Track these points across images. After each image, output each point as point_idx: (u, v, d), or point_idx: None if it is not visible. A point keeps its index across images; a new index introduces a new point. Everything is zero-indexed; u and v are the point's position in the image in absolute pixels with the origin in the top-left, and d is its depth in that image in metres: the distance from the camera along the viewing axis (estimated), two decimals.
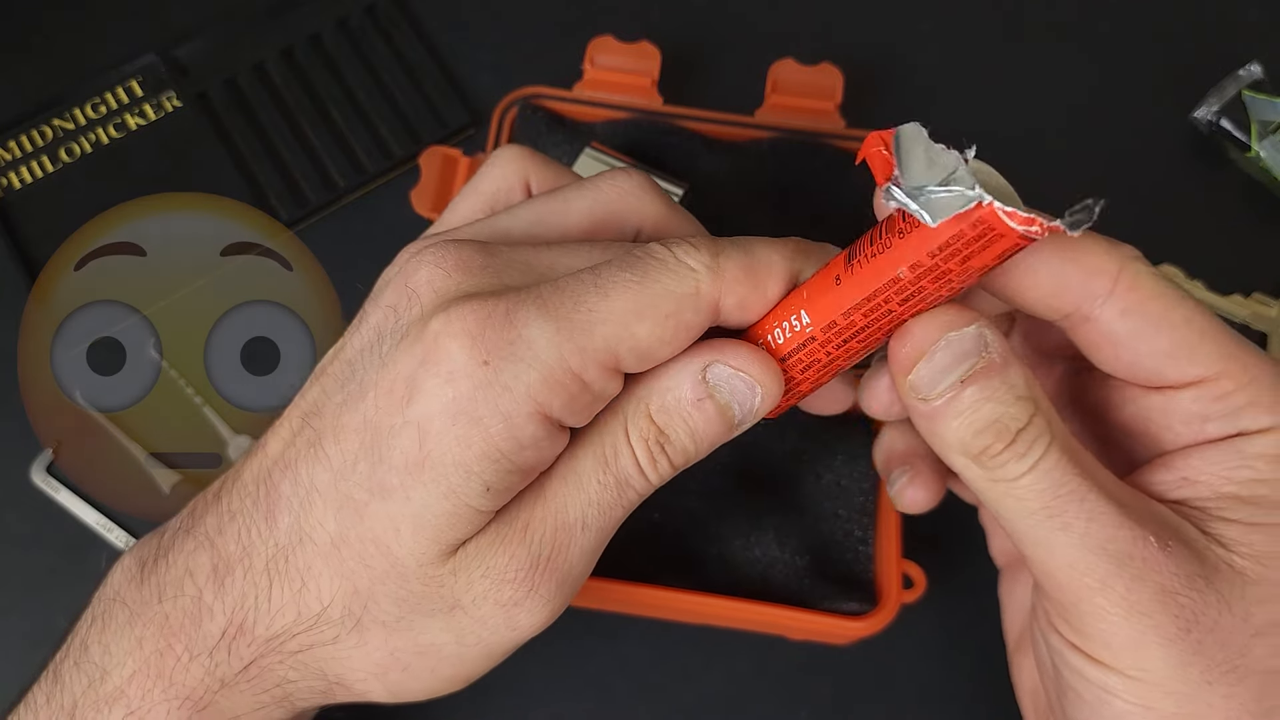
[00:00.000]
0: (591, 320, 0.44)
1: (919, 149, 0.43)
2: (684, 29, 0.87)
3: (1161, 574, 0.42)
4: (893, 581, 0.65)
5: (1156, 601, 0.42)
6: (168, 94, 0.83)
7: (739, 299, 0.46)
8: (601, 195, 0.52)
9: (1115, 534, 0.43)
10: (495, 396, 0.44)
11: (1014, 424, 0.43)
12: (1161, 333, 0.44)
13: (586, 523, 0.49)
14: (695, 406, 0.48)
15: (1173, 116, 0.84)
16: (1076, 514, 0.43)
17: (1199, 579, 0.42)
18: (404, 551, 0.46)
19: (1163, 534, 0.43)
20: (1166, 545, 0.43)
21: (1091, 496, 0.43)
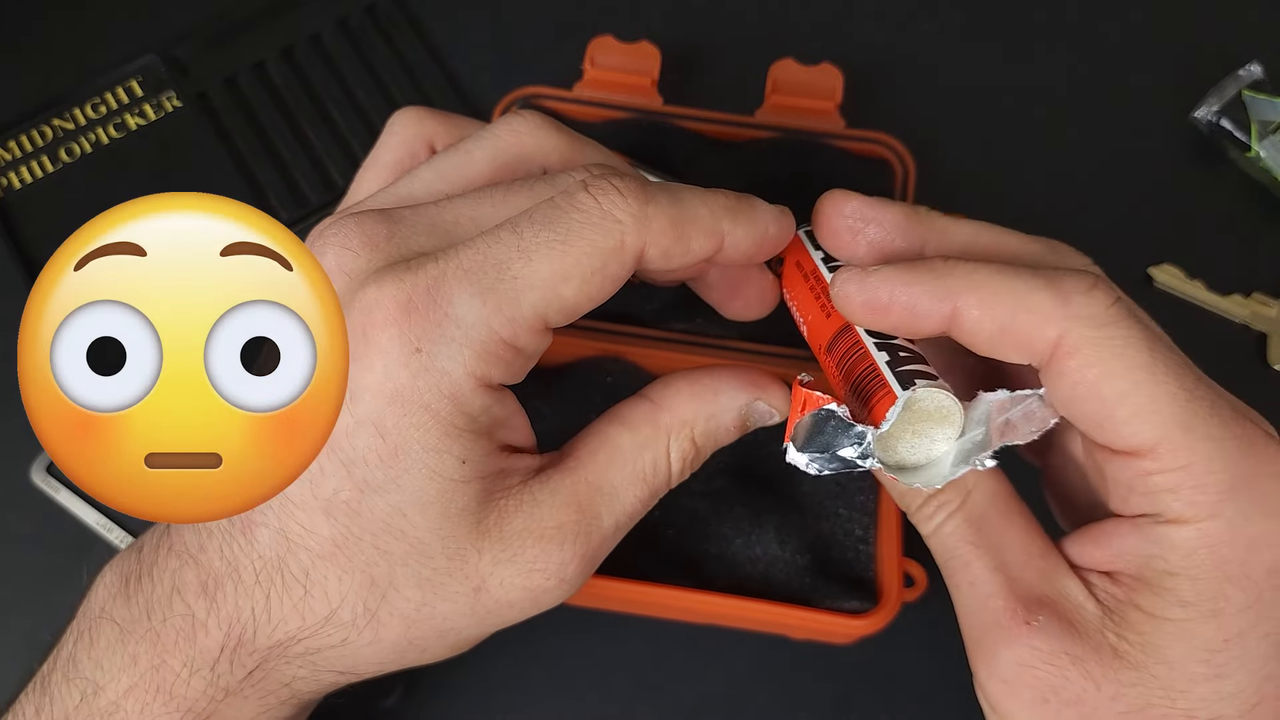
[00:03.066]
0: (518, 288, 0.44)
1: (828, 427, 0.45)
2: (684, 29, 0.87)
3: (1019, 648, 0.45)
4: (894, 580, 0.65)
5: (1013, 670, 0.45)
6: (168, 94, 0.83)
7: (663, 250, 0.47)
8: (501, 140, 0.52)
9: (985, 604, 0.46)
10: (435, 381, 0.44)
11: (925, 491, 0.48)
12: (1091, 403, 0.43)
13: (619, 528, 0.51)
14: (731, 434, 0.53)
15: (1173, 116, 0.84)
16: (961, 578, 0.48)
17: (1063, 655, 0.44)
18: (419, 531, 0.46)
19: (1035, 609, 0.45)
20: (1035, 620, 0.45)
21: (976, 566, 0.47)
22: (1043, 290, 0.43)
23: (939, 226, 0.49)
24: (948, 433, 0.45)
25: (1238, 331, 0.78)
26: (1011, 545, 0.47)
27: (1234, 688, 0.42)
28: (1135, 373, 0.42)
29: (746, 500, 0.69)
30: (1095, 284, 0.44)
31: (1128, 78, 0.87)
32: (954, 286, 0.44)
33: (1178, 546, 0.43)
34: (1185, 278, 0.78)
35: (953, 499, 0.48)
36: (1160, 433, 0.42)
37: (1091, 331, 0.43)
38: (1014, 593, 0.46)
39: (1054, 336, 0.43)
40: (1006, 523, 0.47)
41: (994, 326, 0.44)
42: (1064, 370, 0.43)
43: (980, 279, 0.44)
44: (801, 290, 0.54)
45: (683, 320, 0.73)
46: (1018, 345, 0.44)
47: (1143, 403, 0.42)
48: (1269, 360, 0.76)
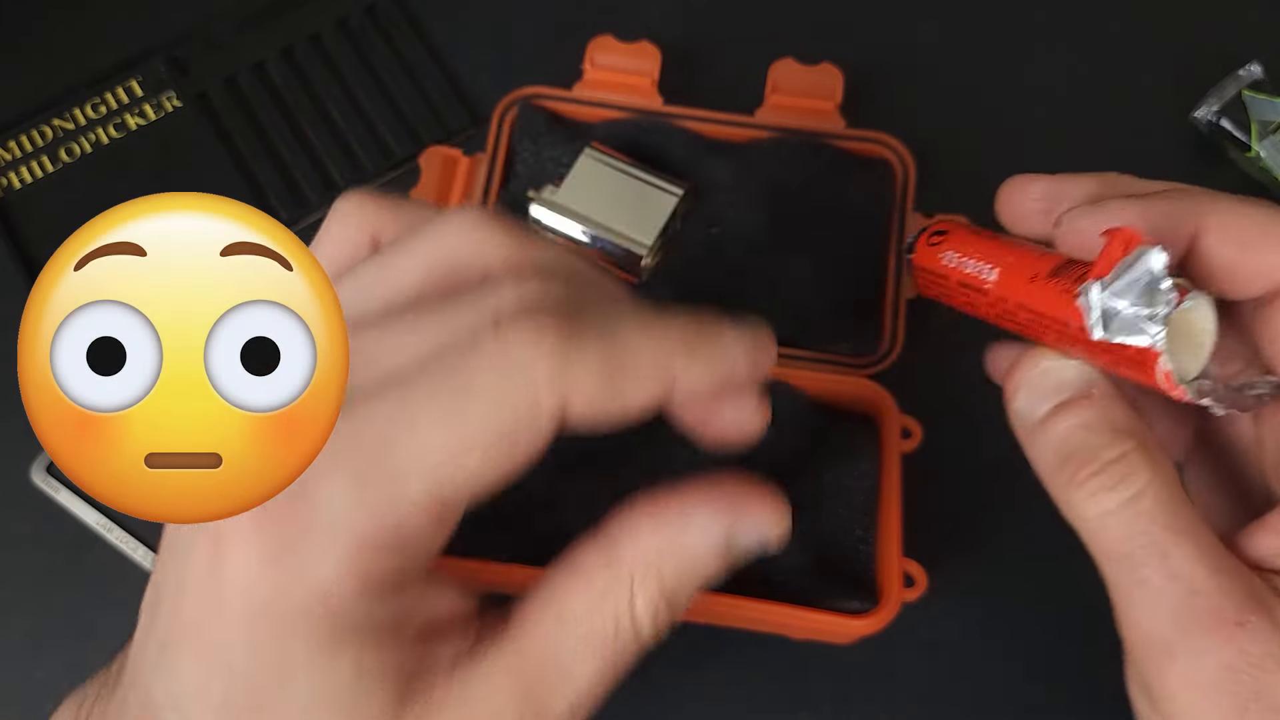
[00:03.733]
0: (401, 467, 0.37)
1: (1143, 272, 0.40)
2: (684, 29, 0.87)
3: (1229, 651, 0.40)
4: (894, 580, 0.65)
5: (1219, 676, 0.40)
6: (168, 94, 0.83)
7: (588, 401, 0.39)
8: (438, 243, 0.42)
9: (1189, 601, 0.40)
10: (304, 595, 0.37)
11: (1106, 454, 0.42)
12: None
13: (577, 712, 0.41)
14: (711, 568, 0.44)
15: (1173, 117, 0.84)
16: (1156, 569, 0.41)
17: (1270, 659, 0.39)
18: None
19: (1246, 607, 0.40)
20: (1247, 621, 0.40)
21: (1176, 554, 0.41)
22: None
23: (1131, 185, 0.46)
24: (1196, 362, 0.42)
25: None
26: (1205, 535, 0.41)
27: None
28: None
29: None
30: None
31: (1128, 77, 0.87)
32: (1198, 208, 0.42)
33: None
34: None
35: (1144, 469, 0.42)
36: None
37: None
38: (1222, 589, 0.40)
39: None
40: (1193, 510, 0.42)
41: (1234, 250, 0.42)
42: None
43: (1223, 203, 0.42)
44: (985, 243, 0.50)
45: None
46: (1254, 272, 0.42)
47: None
48: None
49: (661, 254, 0.74)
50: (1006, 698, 0.69)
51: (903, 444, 0.70)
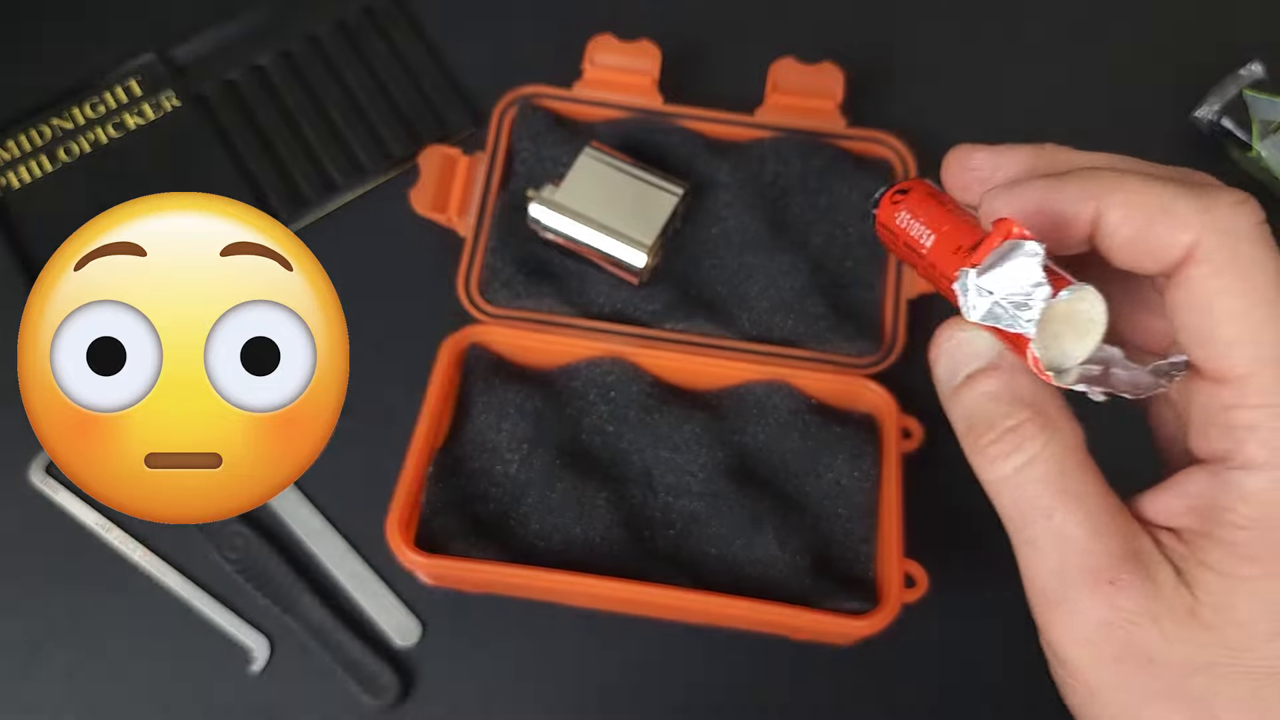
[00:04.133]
0: None
1: (1017, 263, 0.42)
2: (684, 28, 0.87)
3: (1103, 607, 0.42)
4: (894, 581, 0.65)
5: (1095, 630, 0.43)
6: (166, 94, 0.83)
7: None
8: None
9: (1069, 560, 0.43)
10: None
11: (1005, 422, 0.44)
12: (1201, 316, 0.41)
13: None
14: None
15: (1174, 116, 0.84)
16: (1042, 530, 0.43)
17: (1144, 615, 0.42)
18: None
19: (1120, 567, 0.42)
20: (1119, 579, 0.42)
21: (1060, 517, 0.43)
22: (1187, 196, 0.41)
23: (1067, 159, 0.47)
24: (1084, 347, 0.43)
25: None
26: (1095, 498, 0.43)
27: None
28: (1253, 296, 0.40)
29: (747, 502, 0.69)
30: (1246, 200, 0.41)
31: (1129, 77, 0.87)
32: (1099, 189, 0.43)
33: (1248, 496, 0.41)
34: None
35: (1038, 435, 0.44)
36: (1255, 364, 0.40)
37: (1226, 243, 0.41)
38: (1099, 549, 0.43)
39: (1188, 242, 0.41)
40: (1087, 473, 0.43)
41: (1132, 229, 0.42)
42: (1186, 277, 0.41)
43: (1124, 182, 0.43)
44: (933, 207, 0.51)
45: (683, 321, 0.73)
46: (1153, 249, 0.42)
47: (1250, 328, 0.40)
48: None
49: (661, 253, 0.74)
50: (1007, 698, 0.69)
51: (903, 444, 0.70)
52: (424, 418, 0.69)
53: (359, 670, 0.69)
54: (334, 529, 0.73)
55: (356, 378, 0.73)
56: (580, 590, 0.65)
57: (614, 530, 0.69)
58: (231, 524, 0.71)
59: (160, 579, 0.71)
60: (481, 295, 0.74)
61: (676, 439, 0.71)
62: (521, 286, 0.73)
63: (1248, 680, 0.42)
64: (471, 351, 0.73)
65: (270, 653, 0.70)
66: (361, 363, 0.76)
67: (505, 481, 0.70)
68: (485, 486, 0.70)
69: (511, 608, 0.71)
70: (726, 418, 0.72)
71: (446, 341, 0.72)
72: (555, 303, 0.73)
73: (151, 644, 0.70)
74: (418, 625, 0.71)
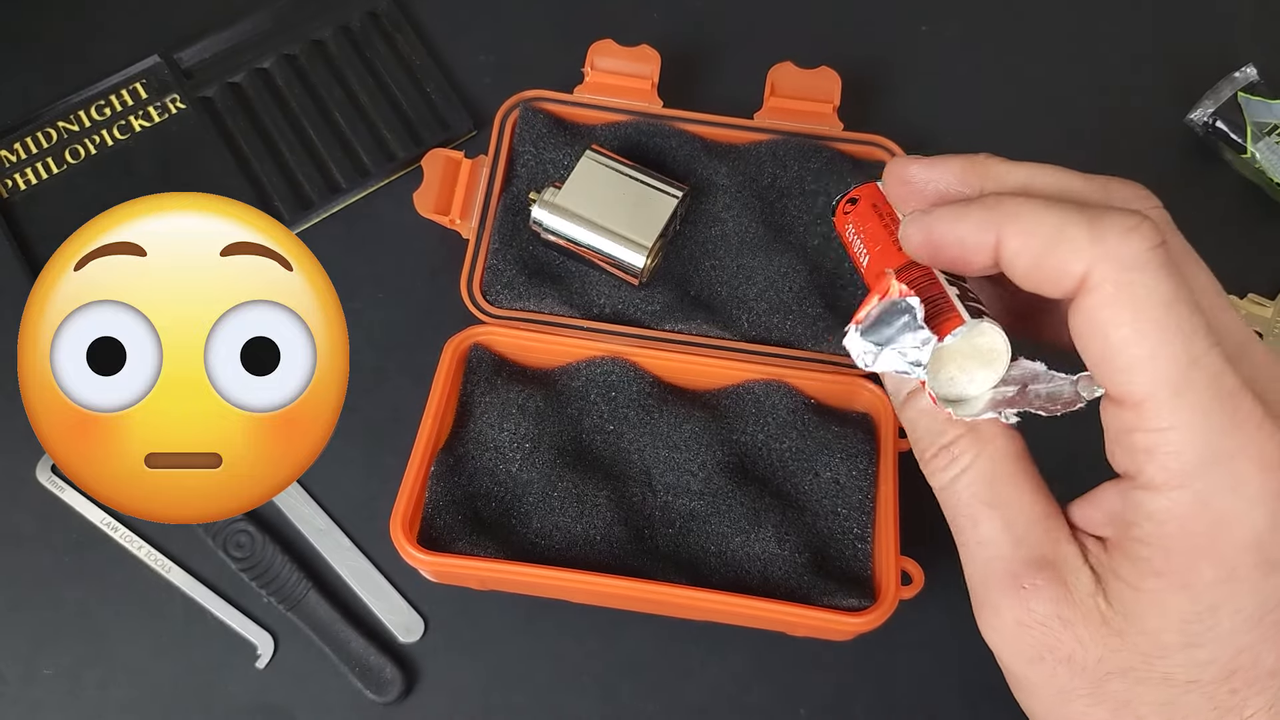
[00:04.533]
0: None
1: (897, 318, 0.46)
2: (684, 33, 0.87)
3: (1017, 609, 0.45)
4: (891, 578, 0.66)
5: (1011, 629, 0.46)
6: (171, 96, 0.84)
7: None
8: None
9: (990, 564, 0.47)
10: None
11: (940, 439, 0.48)
12: (1097, 342, 0.43)
13: None
14: None
15: (1169, 118, 0.85)
16: (969, 536, 0.47)
17: (1055, 619, 0.45)
18: None
19: (1034, 572, 0.45)
20: (1033, 584, 0.45)
21: (985, 525, 0.47)
22: (1079, 225, 0.43)
23: (995, 172, 0.50)
24: (990, 376, 0.47)
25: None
26: (1019, 507, 0.47)
27: (1208, 656, 0.43)
28: (1143, 323, 0.42)
29: (745, 499, 0.69)
30: (1138, 226, 0.42)
31: (1124, 80, 0.87)
32: (998, 219, 0.45)
33: (1151, 514, 0.43)
34: None
35: (969, 451, 0.47)
36: (1149, 389, 0.42)
37: (1116, 272, 0.42)
38: (1017, 555, 0.46)
39: (1080, 271, 0.43)
40: (1016, 484, 0.47)
41: (1030, 258, 0.44)
42: (1081, 306, 0.43)
43: (1022, 211, 0.44)
44: (874, 224, 0.54)
45: (683, 321, 0.73)
46: (1050, 278, 0.44)
47: (1142, 355, 0.42)
48: None
49: (661, 255, 0.75)
50: (1003, 694, 0.69)
51: (900, 443, 0.71)
52: (427, 417, 0.69)
53: (363, 666, 0.70)
54: (338, 527, 0.73)
55: (361, 377, 0.73)
56: (581, 587, 0.66)
57: (614, 528, 0.69)
58: (237, 522, 0.71)
59: (166, 576, 0.72)
60: (484, 296, 0.74)
61: (676, 438, 0.71)
62: (523, 288, 0.74)
63: (1164, 686, 0.44)
64: (474, 352, 0.73)
65: (275, 649, 0.71)
66: (366, 362, 0.76)
67: (507, 480, 0.71)
68: (487, 485, 0.71)
69: (513, 605, 0.71)
70: (726, 417, 0.73)
71: (450, 342, 0.72)
72: (556, 304, 0.74)
73: (157, 641, 0.71)
74: (421, 622, 0.72)
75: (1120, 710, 0.45)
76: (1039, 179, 0.48)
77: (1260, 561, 0.42)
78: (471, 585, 0.70)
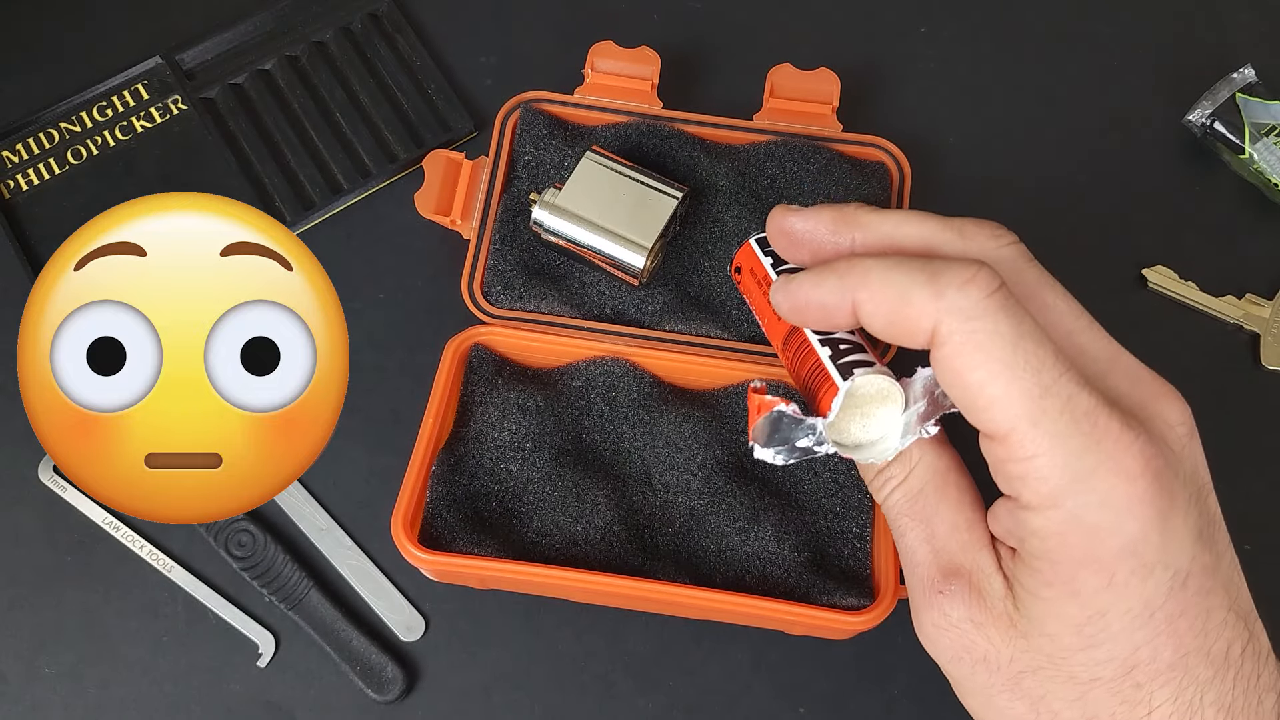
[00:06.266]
0: None
1: (783, 424, 0.50)
2: (683, 34, 0.88)
3: (934, 612, 0.50)
4: (890, 576, 0.66)
5: (931, 630, 0.51)
6: (173, 97, 0.84)
7: None
8: None
9: (914, 570, 0.51)
10: None
11: (878, 465, 0.52)
12: (957, 389, 0.46)
13: None
14: None
15: (1166, 120, 0.85)
16: (900, 545, 0.53)
17: (968, 622, 0.49)
18: None
19: (950, 579, 0.50)
20: (947, 589, 0.50)
21: (909, 536, 0.52)
22: (922, 285, 0.46)
23: (864, 222, 0.53)
24: (891, 410, 0.51)
25: (1231, 332, 0.78)
26: (941, 518, 0.51)
27: (1106, 655, 0.46)
28: (993, 365, 0.45)
29: (744, 498, 0.70)
30: (974, 277, 0.45)
31: (1121, 81, 0.87)
32: (849, 284, 0.48)
33: (1035, 531, 0.46)
34: (1178, 279, 0.78)
35: (898, 473, 0.52)
36: (1010, 424, 0.45)
37: (959, 324, 0.45)
38: (936, 562, 0.50)
39: (929, 327, 0.46)
40: (940, 497, 0.51)
41: (883, 318, 0.48)
42: (937, 357, 0.46)
43: (871, 275, 0.48)
44: (757, 295, 0.58)
45: (682, 321, 0.74)
46: (905, 333, 0.47)
47: (997, 394, 0.45)
48: (1261, 360, 0.77)
49: (661, 255, 0.75)
50: None
51: None
52: (428, 417, 0.70)
53: (364, 665, 0.70)
54: (339, 526, 0.73)
55: (363, 377, 0.74)
56: (581, 586, 0.66)
57: (614, 527, 0.69)
58: (238, 521, 0.72)
59: (167, 576, 0.72)
60: (485, 297, 0.74)
61: (676, 438, 0.72)
62: (524, 288, 0.74)
63: (1072, 685, 0.47)
64: (475, 352, 0.74)
65: (276, 648, 0.71)
66: (367, 363, 0.76)
67: (508, 479, 0.71)
68: (488, 484, 0.71)
69: (514, 603, 0.72)
70: (725, 417, 0.73)
71: (450, 342, 0.72)
72: (557, 304, 0.74)
73: (158, 640, 0.71)
74: (422, 621, 0.72)
75: (1037, 705, 0.48)
76: (903, 228, 0.52)
77: (1137, 566, 0.45)
78: (472, 584, 0.70)
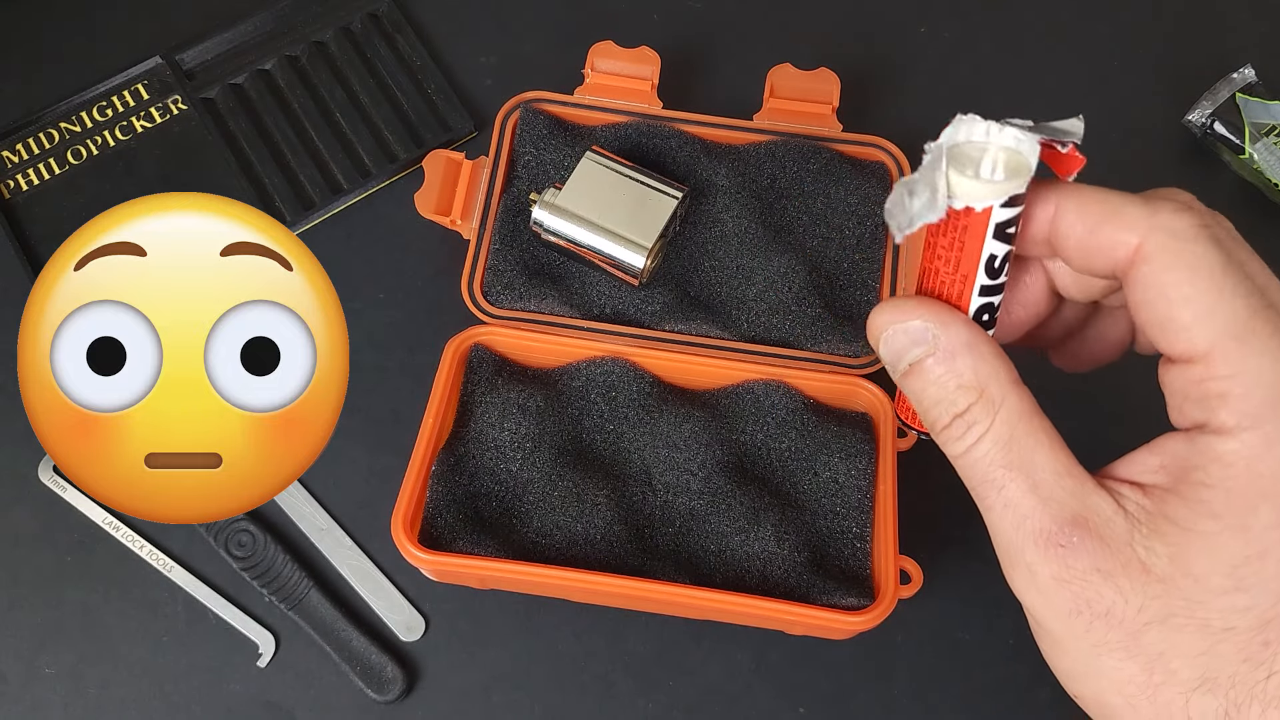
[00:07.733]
0: None
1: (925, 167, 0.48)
2: (683, 34, 0.88)
3: (1054, 565, 0.46)
4: (890, 577, 0.66)
5: (1049, 586, 0.46)
6: (173, 97, 0.84)
7: None
8: None
9: (1021, 525, 0.47)
10: None
11: (952, 409, 0.48)
12: (1158, 306, 0.45)
13: None
14: None
15: (1167, 120, 0.85)
16: (994, 501, 0.47)
17: (1094, 573, 0.45)
18: None
19: (1069, 529, 0.46)
20: (1069, 541, 0.46)
21: (1010, 488, 0.47)
22: (1135, 203, 0.45)
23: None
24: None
25: None
26: (1041, 464, 0.47)
27: (1249, 602, 0.44)
28: (1201, 282, 0.43)
29: (744, 498, 0.70)
30: (1189, 206, 0.45)
31: (1122, 81, 0.87)
32: (1056, 194, 0.47)
33: (1220, 456, 0.44)
34: None
35: (982, 418, 0.48)
36: (1214, 340, 0.43)
37: (1170, 241, 0.44)
38: (1047, 513, 0.46)
39: (1135, 242, 0.45)
40: (1034, 442, 0.47)
41: (1084, 229, 0.46)
42: (1139, 275, 0.45)
43: (1081, 188, 0.47)
44: None
45: (682, 321, 0.74)
46: (1103, 249, 0.46)
47: (1202, 310, 0.43)
48: None
49: (661, 255, 0.75)
50: (1001, 692, 0.70)
51: (899, 443, 0.71)
52: (428, 417, 0.70)
53: (364, 665, 0.70)
54: (339, 526, 0.74)
55: (363, 377, 0.74)
56: (581, 586, 0.66)
57: (614, 527, 0.69)
58: (238, 521, 0.72)
59: (167, 576, 0.72)
60: (485, 297, 0.74)
61: (676, 438, 0.72)
62: (524, 288, 0.74)
63: (1203, 635, 0.44)
64: (475, 352, 0.74)
65: (276, 648, 0.71)
66: (367, 363, 0.77)
67: (508, 479, 0.71)
68: (488, 484, 0.71)
69: (514, 603, 0.72)
70: (725, 417, 0.73)
71: (450, 342, 0.72)
72: (557, 304, 0.74)
73: (158, 640, 0.71)
74: (422, 621, 0.72)
75: (1153, 663, 0.45)
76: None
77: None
78: (472, 584, 0.70)
